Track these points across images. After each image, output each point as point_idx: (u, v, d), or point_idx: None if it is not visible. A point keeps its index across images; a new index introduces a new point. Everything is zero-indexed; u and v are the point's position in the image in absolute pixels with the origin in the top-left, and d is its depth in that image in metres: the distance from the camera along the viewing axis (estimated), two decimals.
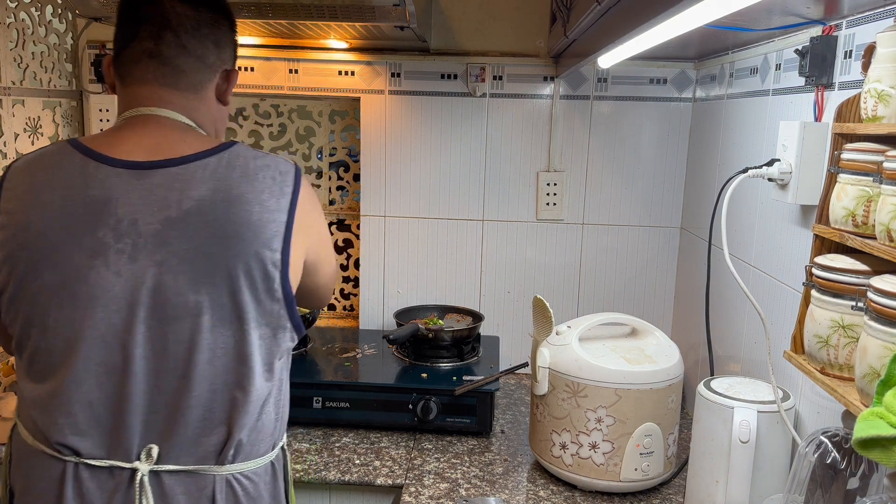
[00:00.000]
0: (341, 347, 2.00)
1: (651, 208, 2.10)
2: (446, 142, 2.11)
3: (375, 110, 2.12)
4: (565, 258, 2.15)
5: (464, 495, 1.49)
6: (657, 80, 2.04)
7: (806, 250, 1.26)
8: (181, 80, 1.09)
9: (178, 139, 1.06)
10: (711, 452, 1.30)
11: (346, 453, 1.65)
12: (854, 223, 1.02)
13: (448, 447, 1.70)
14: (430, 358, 1.91)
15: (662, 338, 1.57)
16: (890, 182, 0.91)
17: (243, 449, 1.06)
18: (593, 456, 1.46)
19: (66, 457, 1.03)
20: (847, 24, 1.20)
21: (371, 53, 2.08)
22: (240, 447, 1.06)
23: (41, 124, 1.95)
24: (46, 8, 1.96)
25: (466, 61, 2.06)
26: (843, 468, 1.01)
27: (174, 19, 1.07)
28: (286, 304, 1.05)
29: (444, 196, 2.14)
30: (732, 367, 1.63)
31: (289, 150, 2.30)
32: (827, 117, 1.24)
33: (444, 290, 2.18)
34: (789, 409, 1.26)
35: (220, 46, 1.13)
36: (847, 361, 1.02)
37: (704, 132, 1.92)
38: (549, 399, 1.50)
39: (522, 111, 2.09)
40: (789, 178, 1.27)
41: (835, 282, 1.02)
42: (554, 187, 2.10)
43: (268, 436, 1.10)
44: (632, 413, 1.43)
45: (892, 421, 0.76)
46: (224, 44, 1.14)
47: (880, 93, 0.98)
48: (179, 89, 1.10)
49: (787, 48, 1.40)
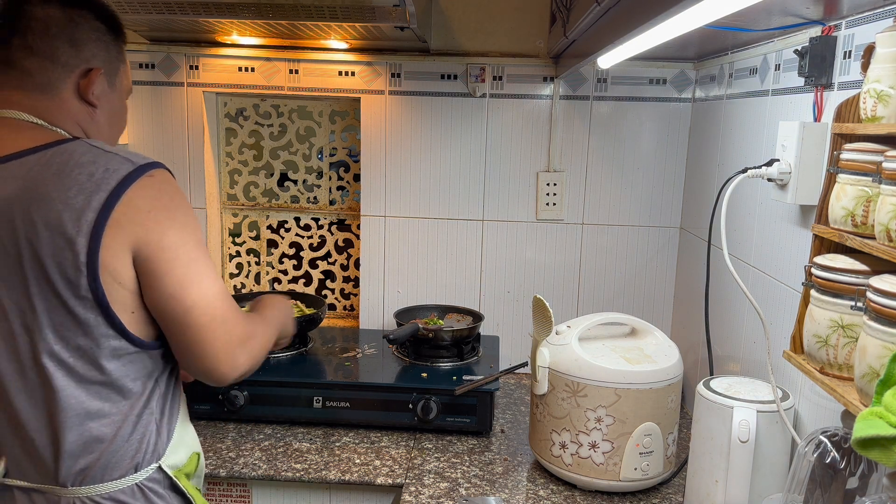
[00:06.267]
0: (341, 347, 2.00)
1: (651, 208, 2.11)
2: (446, 142, 2.12)
3: (375, 110, 2.12)
4: (565, 258, 2.15)
5: (464, 495, 1.49)
6: (657, 80, 2.04)
7: (805, 250, 1.26)
8: (27, 82, 1.06)
9: (10, 138, 1.03)
10: (711, 452, 1.30)
11: (346, 453, 1.65)
12: (853, 223, 1.03)
13: (448, 447, 1.71)
14: (430, 358, 1.91)
15: (662, 338, 1.57)
16: (889, 182, 0.91)
17: (87, 471, 1.03)
18: (593, 455, 1.46)
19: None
20: (846, 25, 1.20)
21: (371, 54, 2.08)
22: (82, 469, 1.02)
23: None
24: None
25: (466, 61, 2.06)
26: (842, 468, 1.02)
27: (22, 22, 1.05)
28: (101, 309, 0.98)
29: (444, 196, 2.14)
30: (732, 367, 1.63)
31: (289, 151, 2.30)
32: (826, 117, 1.24)
33: (444, 290, 2.18)
34: (789, 408, 1.26)
35: (76, 44, 1.08)
36: (846, 361, 1.02)
37: (704, 132, 1.92)
38: (548, 399, 1.50)
39: (522, 111, 2.09)
40: (789, 178, 1.27)
41: (834, 282, 1.02)
42: (554, 187, 2.11)
43: (124, 458, 1.05)
44: (631, 413, 1.43)
45: (892, 421, 0.76)
46: (83, 41, 1.09)
47: (880, 93, 0.98)
48: (26, 90, 1.06)
49: (786, 48, 1.40)
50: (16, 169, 0.99)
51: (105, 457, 1.03)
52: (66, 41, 1.07)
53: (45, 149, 1.01)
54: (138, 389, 1.05)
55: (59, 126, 1.07)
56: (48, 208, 0.96)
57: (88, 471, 1.03)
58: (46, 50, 1.06)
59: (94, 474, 1.03)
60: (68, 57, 1.08)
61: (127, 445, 1.05)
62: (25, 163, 1.00)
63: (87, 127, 1.12)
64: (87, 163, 0.99)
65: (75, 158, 0.99)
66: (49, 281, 0.96)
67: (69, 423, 1.00)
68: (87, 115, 1.11)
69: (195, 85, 2.14)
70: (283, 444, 1.68)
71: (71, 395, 1.00)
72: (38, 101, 1.07)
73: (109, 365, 1.01)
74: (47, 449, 1.01)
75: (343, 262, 2.36)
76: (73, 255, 0.96)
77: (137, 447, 1.06)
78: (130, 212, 0.98)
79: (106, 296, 0.98)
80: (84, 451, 1.02)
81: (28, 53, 1.05)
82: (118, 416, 1.04)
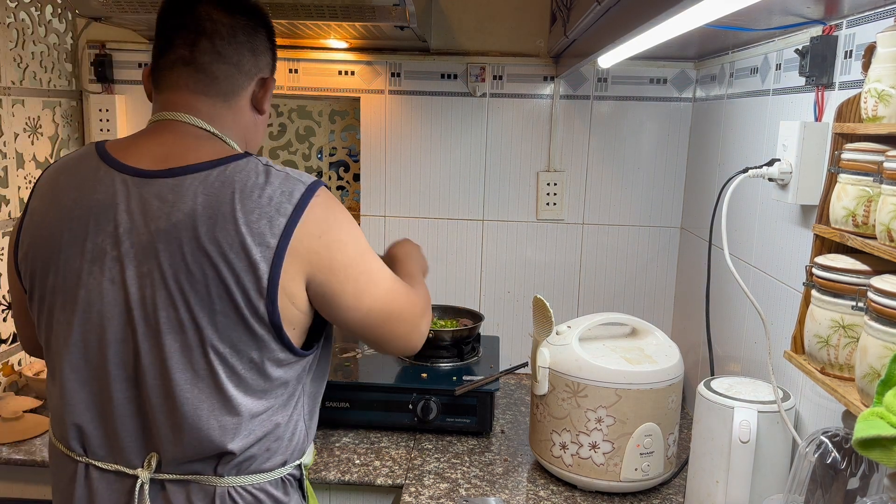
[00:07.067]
0: (341, 347, 2.00)
1: (651, 208, 2.10)
2: (446, 142, 2.11)
3: (375, 110, 2.12)
4: (565, 258, 2.15)
5: (464, 495, 1.49)
6: (657, 79, 2.04)
7: (806, 250, 1.26)
8: (213, 87, 1.08)
9: (189, 147, 1.05)
10: (711, 452, 1.30)
11: (346, 453, 1.65)
12: (854, 223, 1.02)
13: (448, 447, 1.70)
14: (430, 358, 1.91)
15: (662, 338, 1.57)
16: (890, 182, 0.91)
17: (244, 464, 1.07)
18: (593, 456, 1.45)
19: (77, 456, 1.07)
20: (847, 24, 1.20)
21: (371, 53, 2.08)
22: (239, 462, 1.06)
23: (41, 124, 1.95)
24: (46, 8, 1.96)
25: (466, 61, 2.06)
26: (843, 468, 1.01)
27: (209, 26, 1.06)
28: (275, 331, 1.02)
29: (444, 196, 2.14)
30: (732, 367, 1.63)
31: (289, 150, 2.30)
32: (827, 117, 1.24)
33: (444, 290, 2.18)
34: (789, 409, 1.26)
35: (256, 53, 1.12)
36: (847, 361, 1.02)
37: (704, 132, 1.92)
38: (549, 399, 1.50)
39: (522, 111, 2.09)
40: (789, 178, 1.27)
41: (835, 282, 1.02)
42: (554, 187, 2.10)
43: (276, 454, 1.10)
44: (632, 413, 1.43)
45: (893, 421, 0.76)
46: (260, 51, 1.12)
47: (880, 93, 0.98)
48: (209, 96, 1.08)
49: (787, 48, 1.40)
50: (196, 183, 1.00)
51: (263, 453, 1.08)
52: (249, 50, 1.11)
53: (222, 164, 1.02)
54: (294, 392, 1.10)
55: (228, 135, 1.10)
56: (234, 231, 0.97)
57: (245, 463, 1.07)
58: (234, 57, 1.09)
59: (250, 467, 1.08)
60: (250, 66, 1.11)
61: (280, 442, 1.10)
62: (204, 178, 1.01)
63: (250, 134, 1.16)
64: (263, 184, 1.00)
65: (252, 179, 1.01)
66: (232, 300, 0.99)
67: (237, 427, 1.03)
68: (253, 123, 1.16)
69: None
70: None
71: (241, 402, 1.03)
72: (217, 108, 1.09)
73: (274, 373, 1.05)
74: (211, 450, 1.04)
75: None
76: (255, 280, 0.98)
77: (288, 443, 1.11)
78: (305, 238, 1.01)
79: (280, 318, 1.01)
80: (246, 449, 1.06)
81: (217, 58, 1.07)
82: (277, 416, 1.08)
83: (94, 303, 1.01)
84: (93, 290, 1.01)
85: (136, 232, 1.00)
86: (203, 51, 1.07)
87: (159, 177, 1.02)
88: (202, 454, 1.04)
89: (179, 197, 1.00)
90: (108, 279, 1.01)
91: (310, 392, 1.15)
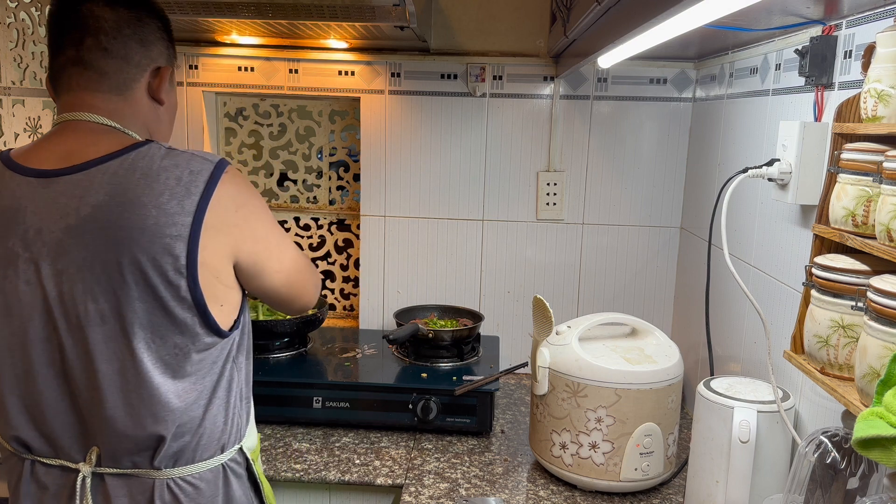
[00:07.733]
0: (341, 347, 2.00)
1: (651, 208, 2.11)
2: (446, 142, 2.11)
3: (375, 110, 2.12)
4: (565, 258, 2.15)
5: (464, 495, 1.49)
6: (657, 80, 2.04)
7: (806, 250, 1.26)
8: (104, 83, 1.08)
9: (89, 143, 1.05)
10: (711, 452, 1.30)
11: (346, 453, 1.65)
12: (854, 223, 1.02)
13: (448, 447, 1.70)
14: (430, 358, 1.91)
15: (662, 338, 1.57)
16: (890, 182, 0.91)
17: (180, 453, 1.07)
18: (593, 456, 1.46)
19: (22, 454, 1.09)
20: (847, 24, 1.20)
21: (371, 53, 2.08)
22: (175, 452, 1.07)
23: (41, 124, 1.95)
24: (46, 8, 1.96)
25: (466, 61, 2.06)
26: (843, 468, 1.01)
27: (93, 23, 1.06)
28: (199, 312, 1.03)
29: (444, 196, 2.14)
30: (732, 367, 1.63)
31: (289, 150, 2.30)
32: (827, 117, 1.24)
33: (444, 290, 2.18)
34: (789, 408, 1.26)
35: (146, 44, 1.11)
36: (847, 361, 1.02)
37: (704, 132, 1.92)
38: (549, 399, 1.50)
39: (522, 111, 2.09)
40: (789, 178, 1.27)
41: (835, 282, 1.02)
42: (554, 187, 2.11)
43: (212, 440, 1.10)
44: (632, 413, 1.43)
45: (892, 421, 0.76)
46: (151, 41, 1.12)
47: (880, 93, 0.98)
48: (103, 92, 1.08)
49: (787, 48, 1.40)
50: (99, 176, 1.01)
51: (197, 440, 1.08)
52: (137, 41, 1.10)
53: (124, 154, 1.03)
54: (222, 373, 1.10)
55: (129, 128, 1.11)
56: (143, 214, 0.98)
57: (182, 453, 1.08)
58: (121, 50, 1.09)
59: (187, 456, 1.08)
60: (140, 57, 1.11)
61: (215, 427, 1.10)
62: (107, 169, 1.02)
63: (153, 125, 1.16)
64: (170, 166, 1.02)
65: (157, 162, 1.02)
66: (149, 284, 0.99)
67: (167, 415, 1.04)
68: (154, 113, 1.16)
69: (195, 84, 2.14)
70: (283, 445, 1.68)
71: (170, 389, 1.04)
72: (113, 103, 1.10)
73: (200, 356, 1.06)
74: (145, 440, 1.05)
75: (343, 263, 2.36)
76: (173, 259, 0.99)
77: (223, 428, 1.11)
78: (222, 213, 1.03)
79: (204, 296, 1.02)
80: (179, 437, 1.06)
81: (103, 54, 1.07)
82: (208, 401, 1.08)
83: (12, 306, 1.03)
84: (10, 293, 1.03)
85: (46, 231, 1.01)
86: (89, 48, 1.07)
87: (64, 174, 1.02)
88: (137, 446, 1.05)
89: (86, 191, 1.00)
90: (24, 281, 1.02)
91: (240, 372, 1.15)
